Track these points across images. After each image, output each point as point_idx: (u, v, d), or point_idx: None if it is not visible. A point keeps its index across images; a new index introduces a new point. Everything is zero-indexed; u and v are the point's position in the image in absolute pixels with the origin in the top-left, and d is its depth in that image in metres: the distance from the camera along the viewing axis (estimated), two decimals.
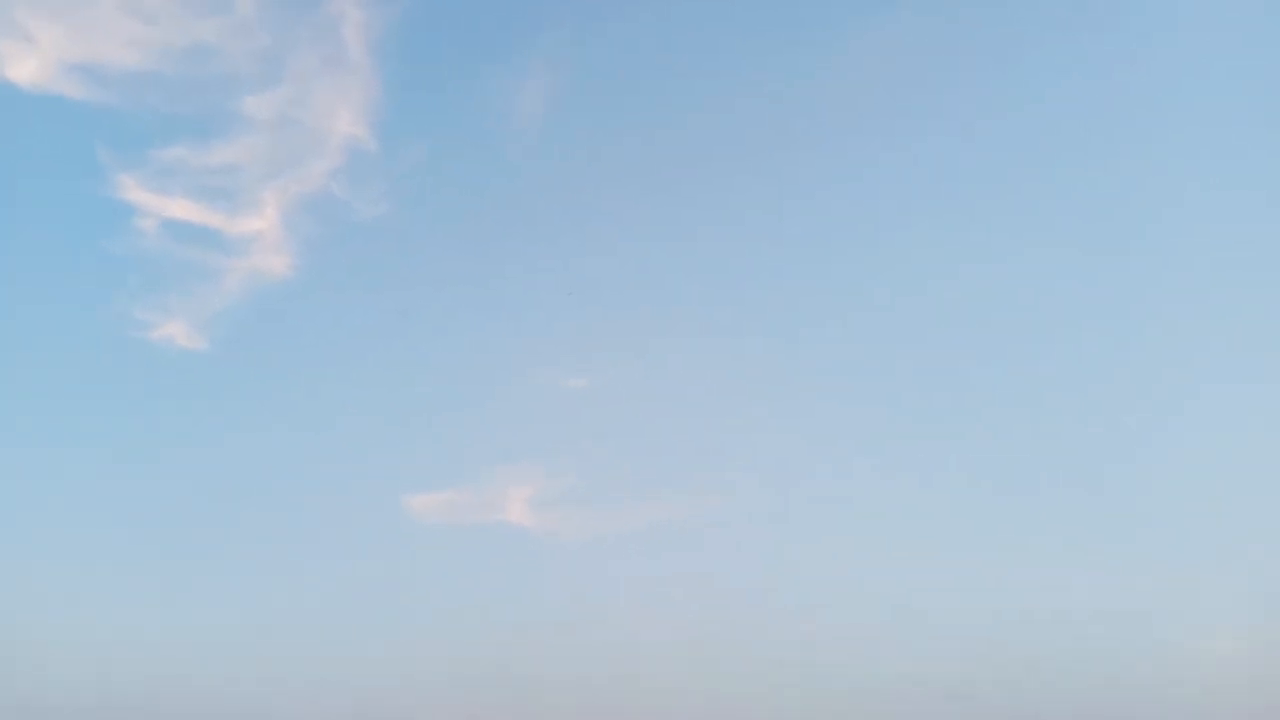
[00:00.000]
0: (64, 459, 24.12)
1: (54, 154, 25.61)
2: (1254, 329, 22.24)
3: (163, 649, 21.96)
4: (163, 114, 25.32)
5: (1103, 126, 24.64)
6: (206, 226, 25.39)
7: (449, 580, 22.93)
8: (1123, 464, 22.01)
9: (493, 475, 24.03)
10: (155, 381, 25.10)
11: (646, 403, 24.90)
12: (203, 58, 25.26)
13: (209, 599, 22.66)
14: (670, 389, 25.00)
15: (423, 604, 22.55)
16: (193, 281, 25.30)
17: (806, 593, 21.83)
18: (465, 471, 24.16)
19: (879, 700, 19.92)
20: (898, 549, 21.93)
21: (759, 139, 26.35)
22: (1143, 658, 19.68)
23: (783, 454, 24.00)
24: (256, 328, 25.60)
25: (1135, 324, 23.44)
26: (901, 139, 25.95)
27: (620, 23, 26.77)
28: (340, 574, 23.10)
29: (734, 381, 24.93)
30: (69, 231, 25.63)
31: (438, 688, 21.19)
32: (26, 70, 24.31)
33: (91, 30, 24.87)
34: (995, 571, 21.27)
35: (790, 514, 23.13)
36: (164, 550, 23.36)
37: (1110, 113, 24.62)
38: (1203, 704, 18.80)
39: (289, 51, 25.68)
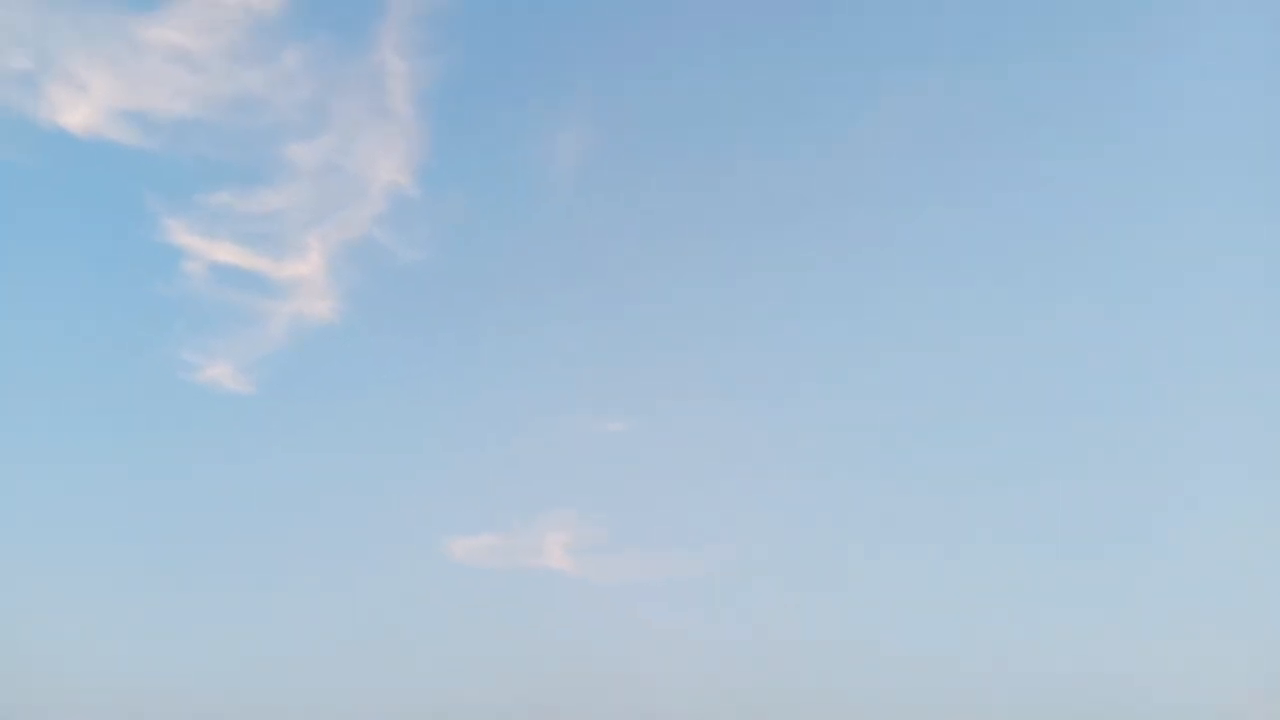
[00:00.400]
0: (111, 498, 24.71)
1: (105, 199, 26.30)
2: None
3: (204, 688, 22.41)
4: (210, 161, 25.96)
5: (1130, 193, 24.93)
6: (253, 270, 25.98)
7: (488, 623, 23.30)
8: (1138, 530, 22.23)
9: (533, 519, 24.42)
10: (202, 423, 25.67)
11: (687, 448, 25.22)
12: (249, 107, 25.90)
13: (252, 638, 23.12)
14: (711, 435, 25.32)
15: (462, 646, 22.93)
16: (239, 324, 25.88)
17: (843, 647, 22.07)
18: (505, 515, 24.55)
19: None
20: (940, 610, 22.19)
21: (798, 191, 26.68)
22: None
23: (827, 505, 24.25)
24: (301, 370, 26.14)
25: (1153, 389, 23.62)
26: (940, 197, 26.20)
27: (658, 75, 27.24)
28: (383, 615, 23.53)
29: (775, 430, 25.22)
30: (118, 275, 26.28)
31: None
32: (79, 117, 25.02)
33: (141, 79, 25.53)
34: (1017, 633, 21.52)
35: (835, 564, 23.40)
36: (206, 588, 23.89)
37: (1139, 179, 24.90)
38: None
39: (334, 101, 26.30)
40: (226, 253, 25.76)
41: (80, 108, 25.00)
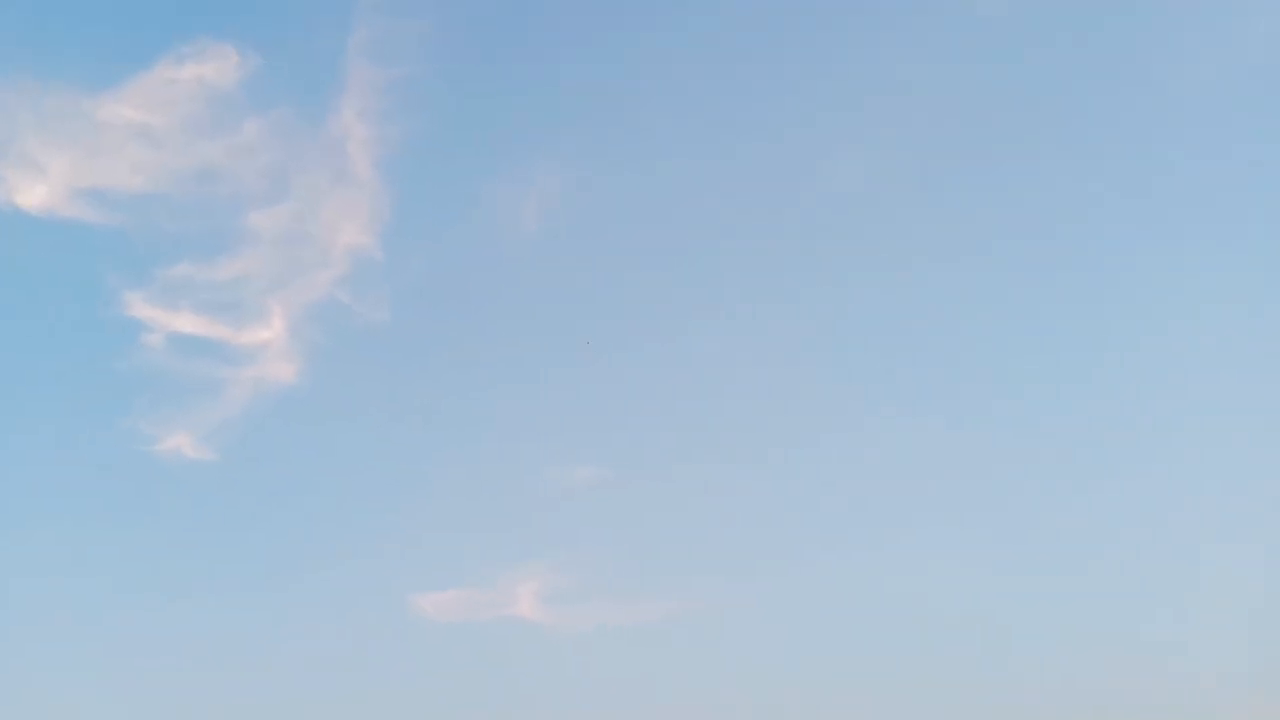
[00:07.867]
0: (73, 574, 23.97)
1: (64, 277, 26.24)
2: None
3: None
4: (170, 233, 26.08)
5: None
6: (213, 339, 25.86)
7: (460, 677, 22.72)
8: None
9: (502, 571, 24.00)
10: (163, 492, 25.11)
11: (658, 496, 25.03)
12: (209, 178, 26.21)
13: (221, 706, 22.23)
14: (682, 483, 25.16)
15: (434, 704, 22.22)
16: (200, 393, 25.59)
17: (814, 690, 21.75)
18: (474, 568, 24.16)
19: None
20: (908, 644, 22.04)
21: (762, 244, 27.28)
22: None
23: (796, 548, 24.10)
24: (264, 435, 25.80)
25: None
26: (908, 243, 26.83)
27: (622, 130, 28.14)
28: (352, 676, 22.83)
29: (747, 477, 25.11)
30: (78, 352, 26.10)
31: None
32: (36, 198, 25.09)
33: (100, 156, 25.75)
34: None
35: (802, 608, 23.20)
36: (174, 653, 23.12)
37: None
38: None
39: (295, 169, 26.68)
40: (188, 322, 25.68)
41: (38, 188, 25.15)
